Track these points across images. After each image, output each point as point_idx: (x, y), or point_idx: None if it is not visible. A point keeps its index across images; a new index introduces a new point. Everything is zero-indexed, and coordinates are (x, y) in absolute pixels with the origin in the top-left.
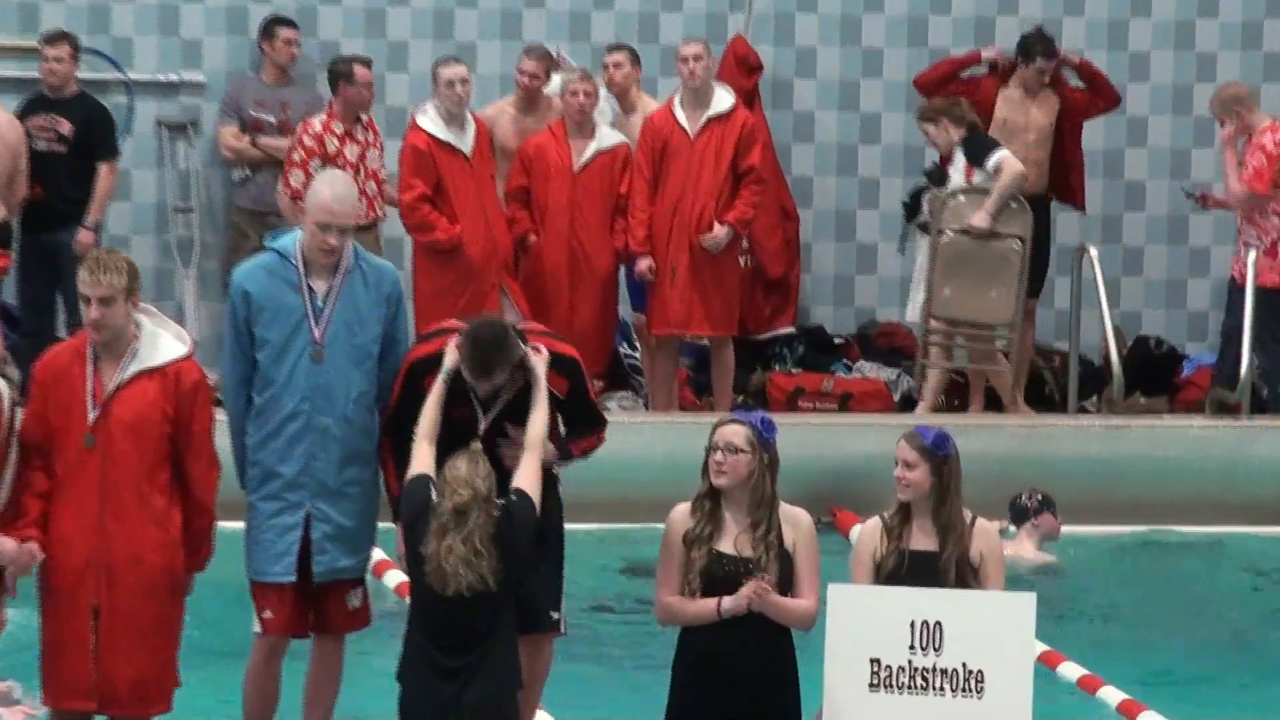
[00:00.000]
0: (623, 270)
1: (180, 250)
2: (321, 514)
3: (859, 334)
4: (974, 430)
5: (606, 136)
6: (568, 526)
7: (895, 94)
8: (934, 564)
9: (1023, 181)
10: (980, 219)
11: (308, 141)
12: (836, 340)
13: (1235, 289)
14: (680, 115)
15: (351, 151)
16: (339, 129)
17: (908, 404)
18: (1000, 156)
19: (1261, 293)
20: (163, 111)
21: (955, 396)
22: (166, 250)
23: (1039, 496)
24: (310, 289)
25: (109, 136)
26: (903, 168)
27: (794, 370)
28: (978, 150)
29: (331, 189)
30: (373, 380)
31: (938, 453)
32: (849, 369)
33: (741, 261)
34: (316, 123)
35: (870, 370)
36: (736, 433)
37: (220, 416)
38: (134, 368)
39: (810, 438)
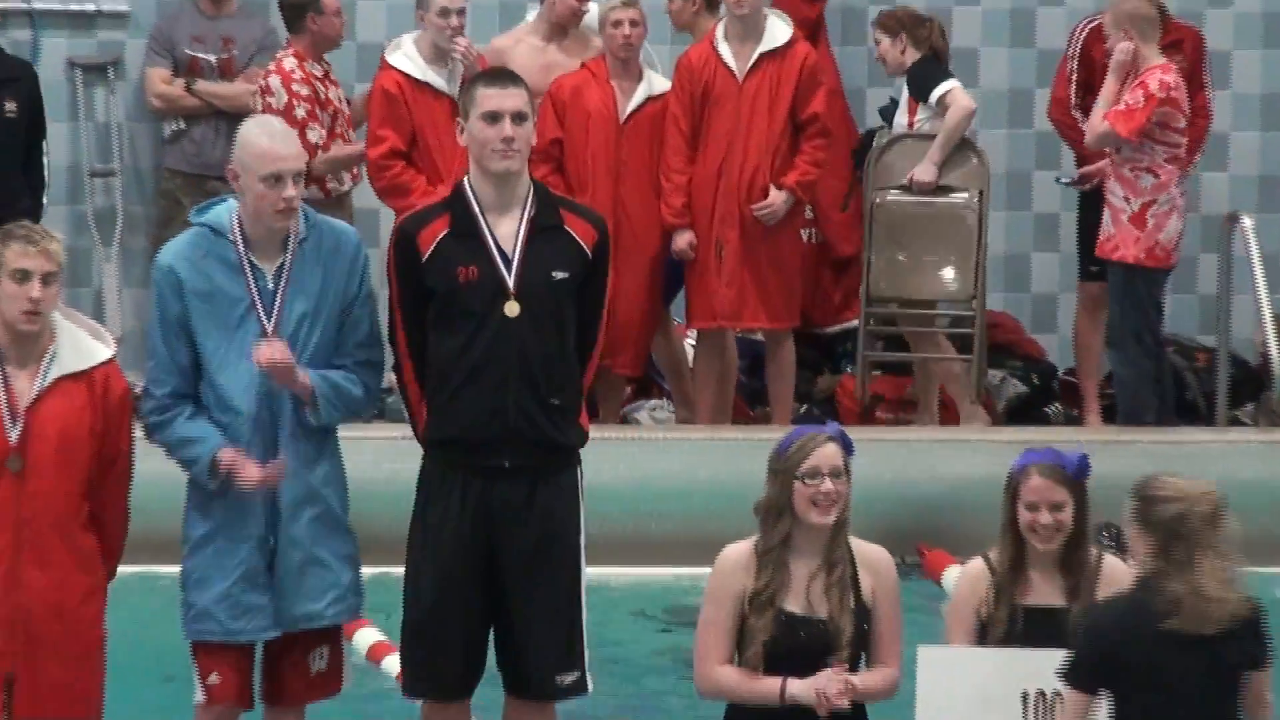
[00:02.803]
0: None
1: (99, 224)
2: (285, 548)
3: (954, 326)
4: (1095, 449)
5: (656, 81)
6: (591, 572)
7: (998, 23)
8: (1060, 623)
9: (970, 120)
10: (923, 171)
11: (301, 89)
12: None
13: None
14: (725, 51)
15: (336, 95)
16: (316, 70)
17: (1016, 415)
18: (947, 88)
19: (1120, 270)
20: (76, 49)
21: (1073, 404)
22: (81, 224)
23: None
24: (254, 268)
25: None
26: (1006, 116)
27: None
28: (924, 80)
29: (267, 130)
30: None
31: (1080, 480)
32: None
33: (804, 236)
34: (288, 62)
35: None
36: (838, 453)
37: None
38: (55, 372)
39: (891, 457)
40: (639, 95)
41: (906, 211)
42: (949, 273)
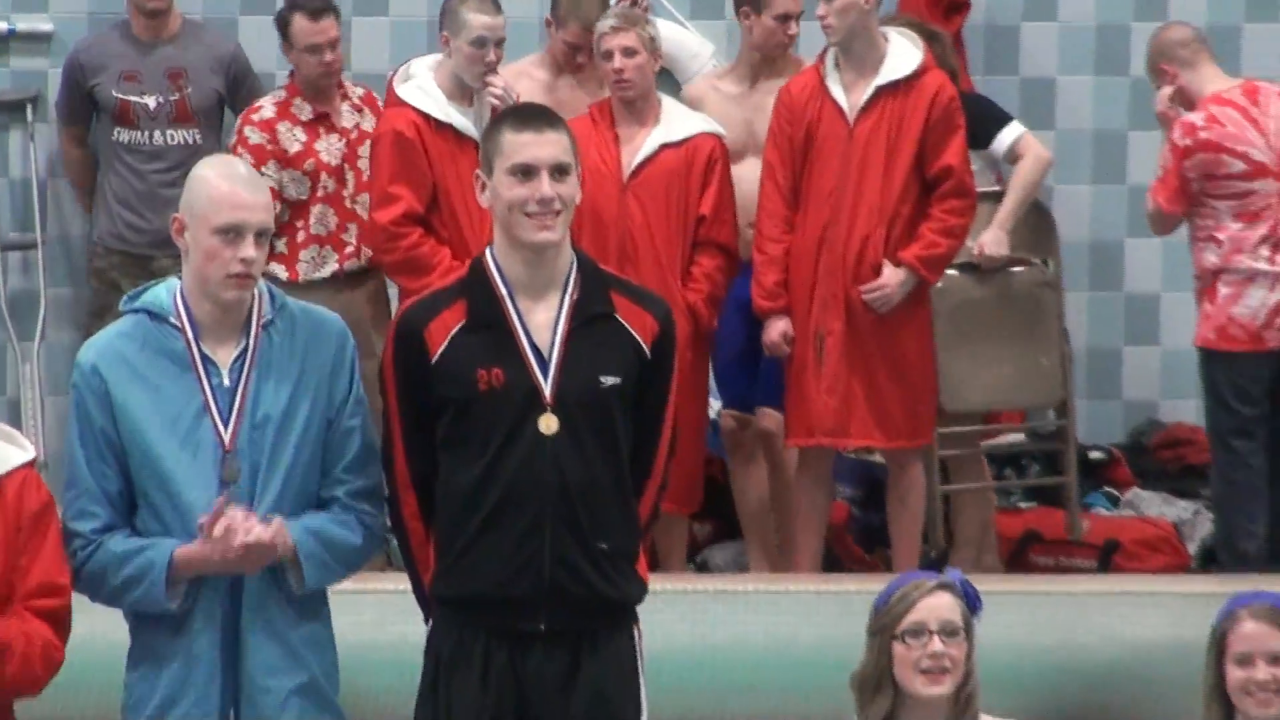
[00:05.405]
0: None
1: (15, 312)
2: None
3: (1131, 444)
4: None
5: (677, 120)
6: None
7: (1080, 45)
8: None
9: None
10: (992, 240)
11: (253, 137)
12: (1093, 455)
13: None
14: (833, 84)
15: (330, 148)
16: (304, 113)
17: (1215, 559)
18: (1017, 134)
19: (1199, 358)
20: None
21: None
22: None
23: None
24: (206, 360)
25: None
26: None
27: (1022, 504)
28: (977, 122)
29: (227, 171)
30: (312, 504)
31: None
32: (1114, 502)
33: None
34: (267, 106)
35: (1150, 504)
36: (951, 605)
37: None
38: None
39: (1052, 615)
40: (650, 143)
41: (972, 295)
42: (1034, 375)
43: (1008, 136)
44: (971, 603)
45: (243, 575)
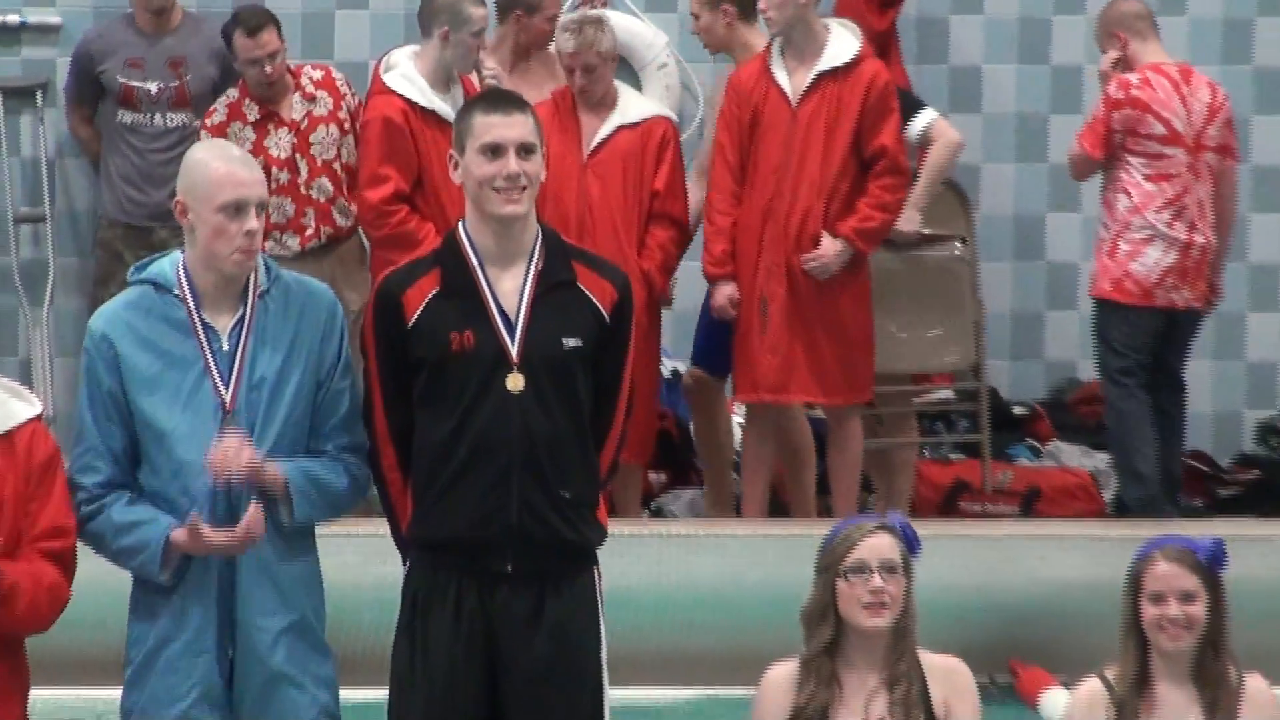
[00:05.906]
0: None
1: (26, 280)
2: (246, 662)
3: (1051, 400)
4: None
5: (633, 105)
6: (616, 694)
7: (1004, 36)
8: None
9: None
10: (904, 217)
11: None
12: (1016, 410)
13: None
14: (778, 70)
15: (279, 143)
16: (252, 113)
17: (1125, 504)
18: (930, 119)
19: (1094, 307)
20: None
21: (1199, 492)
22: (5, 280)
23: None
24: (207, 327)
25: None
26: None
27: (952, 455)
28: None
29: (223, 154)
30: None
31: (1215, 570)
32: (1036, 454)
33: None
34: (220, 109)
35: (1069, 455)
36: (890, 545)
37: None
38: None
39: (977, 557)
40: (608, 125)
41: (887, 267)
42: (948, 340)
43: (920, 122)
44: (910, 544)
45: (236, 523)
